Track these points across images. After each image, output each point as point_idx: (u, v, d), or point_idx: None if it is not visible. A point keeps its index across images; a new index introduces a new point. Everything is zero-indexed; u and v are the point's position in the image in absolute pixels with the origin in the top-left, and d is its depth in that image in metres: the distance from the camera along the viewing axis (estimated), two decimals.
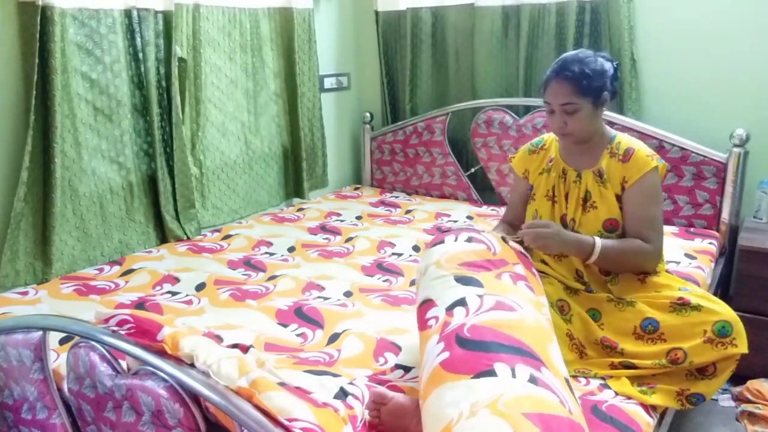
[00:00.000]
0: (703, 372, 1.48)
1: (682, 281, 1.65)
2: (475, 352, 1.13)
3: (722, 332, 1.44)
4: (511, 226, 1.91)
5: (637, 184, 1.63)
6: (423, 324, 1.31)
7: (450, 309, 1.25)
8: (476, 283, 1.31)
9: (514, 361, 1.11)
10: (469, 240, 1.47)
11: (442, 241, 1.49)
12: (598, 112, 1.67)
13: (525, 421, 0.99)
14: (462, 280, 1.32)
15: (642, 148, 1.67)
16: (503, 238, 1.52)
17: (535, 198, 1.81)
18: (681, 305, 1.51)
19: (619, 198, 1.67)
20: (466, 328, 1.18)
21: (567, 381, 1.15)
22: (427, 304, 1.33)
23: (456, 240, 1.48)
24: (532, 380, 1.08)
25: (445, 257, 1.41)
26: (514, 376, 1.08)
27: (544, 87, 1.68)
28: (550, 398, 1.06)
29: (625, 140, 1.70)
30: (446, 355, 1.16)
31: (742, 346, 1.44)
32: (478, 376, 1.08)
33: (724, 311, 1.48)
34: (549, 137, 1.86)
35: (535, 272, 1.47)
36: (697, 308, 1.49)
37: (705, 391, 1.47)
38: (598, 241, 1.60)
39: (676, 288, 1.58)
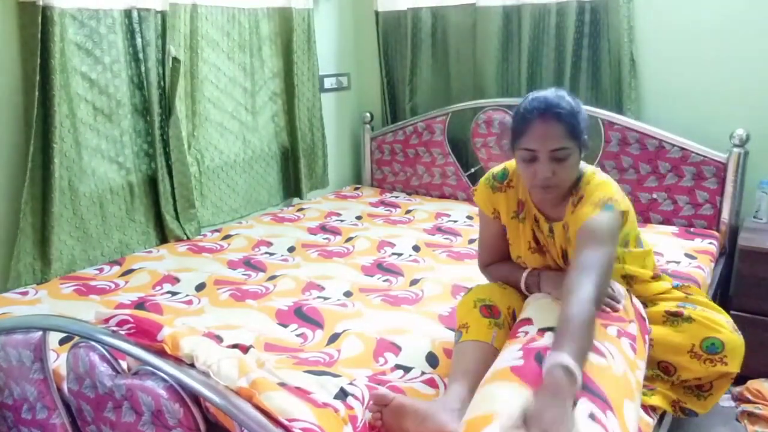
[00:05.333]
0: (700, 388, 1.47)
1: (683, 298, 1.56)
2: None
3: (711, 349, 1.41)
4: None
5: (579, 232, 1.36)
6: (513, 334, 1.36)
7: (542, 330, 1.28)
8: None
9: (581, 395, 1.10)
10: None
11: None
12: (579, 160, 1.43)
13: None
14: None
15: (593, 194, 1.40)
16: (629, 291, 1.46)
17: (512, 243, 1.58)
18: (674, 316, 1.48)
19: None
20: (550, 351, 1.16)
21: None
22: (524, 321, 1.37)
23: None
24: (591, 417, 1.07)
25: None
26: (574, 405, 1.07)
27: (520, 130, 1.39)
28: None
29: (585, 184, 1.45)
30: (520, 362, 1.20)
31: (733, 366, 1.41)
32: None
33: (720, 328, 1.43)
34: (513, 170, 1.56)
35: (647, 339, 1.41)
36: (689, 320, 1.45)
37: (698, 409, 1.47)
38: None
39: (674, 304, 1.52)
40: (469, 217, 2.82)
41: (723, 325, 1.45)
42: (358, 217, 2.85)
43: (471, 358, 1.40)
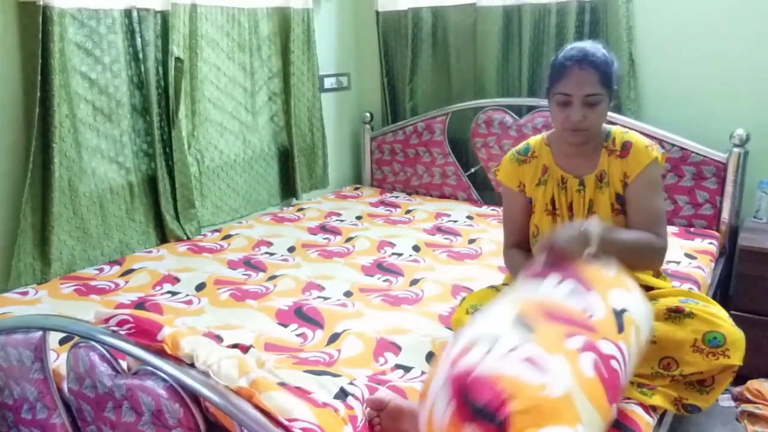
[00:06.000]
0: (702, 383, 1.47)
1: (685, 293, 1.58)
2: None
3: (713, 342, 1.40)
4: (522, 250, 1.71)
5: (639, 177, 1.55)
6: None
7: (469, 345, 1.04)
8: (529, 330, 1.09)
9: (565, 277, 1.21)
10: (571, 294, 1.22)
11: (543, 277, 1.27)
12: (608, 108, 1.55)
13: (531, 312, 1.11)
14: (519, 322, 1.11)
15: (639, 139, 1.57)
16: (623, 311, 1.24)
17: (535, 211, 1.67)
18: (676, 313, 1.48)
19: (618, 197, 1.58)
20: (471, 376, 0.98)
21: (617, 314, 1.17)
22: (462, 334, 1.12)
23: (557, 285, 1.24)
24: (572, 293, 1.17)
25: (526, 299, 1.20)
26: (557, 285, 1.19)
27: (557, 76, 1.50)
28: (573, 307, 1.14)
29: (619, 133, 1.60)
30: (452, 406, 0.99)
31: (735, 358, 1.40)
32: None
33: (721, 322, 1.43)
34: (536, 142, 1.68)
35: (625, 356, 1.16)
36: (690, 315, 1.45)
37: (701, 404, 1.47)
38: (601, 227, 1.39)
39: (676, 301, 1.51)
40: (469, 217, 2.83)
41: (724, 319, 1.45)
42: (358, 217, 2.85)
43: None
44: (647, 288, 1.58)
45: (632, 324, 1.23)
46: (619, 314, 1.22)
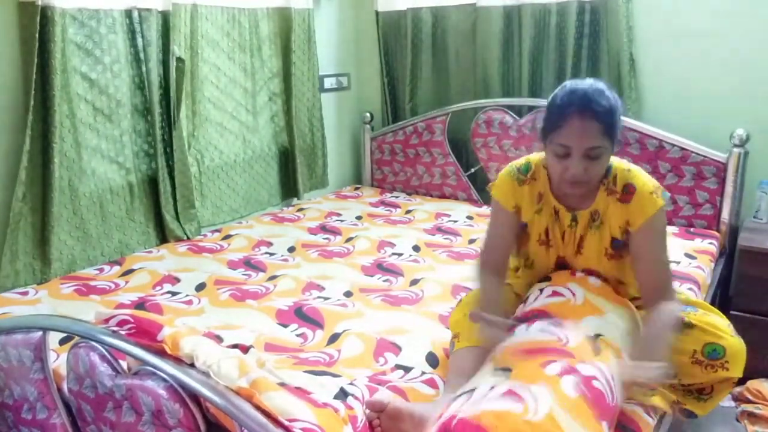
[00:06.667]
0: (700, 391, 1.46)
1: (683, 299, 1.55)
2: None
3: (712, 355, 1.38)
4: (498, 274, 1.56)
5: (645, 228, 1.40)
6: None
7: (451, 400, 1.16)
8: (506, 372, 1.18)
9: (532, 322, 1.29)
10: (542, 331, 1.29)
11: (513, 333, 1.33)
12: (611, 156, 1.41)
13: (505, 357, 1.22)
14: (496, 370, 1.20)
15: (645, 183, 1.42)
16: (597, 336, 1.29)
17: (530, 240, 1.55)
18: None
19: (615, 242, 1.46)
20: (455, 420, 1.07)
21: (591, 338, 1.21)
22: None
23: (527, 329, 1.32)
24: (544, 330, 1.26)
25: (502, 349, 1.28)
26: (527, 329, 1.30)
27: (555, 123, 1.35)
28: (548, 338, 1.23)
29: (621, 170, 1.45)
30: None
31: (735, 371, 1.38)
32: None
33: (722, 333, 1.40)
34: (536, 163, 1.53)
35: (606, 375, 1.20)
36: (690, 326, 1.42)
37: (698, 411, 1.46)
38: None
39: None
40: (469, 217, 2.83)
41: (724, 330, 1.43)
42: (358, 217, 2.85)
43: (465, 362, 1.40)
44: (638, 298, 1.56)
45: (609, 347, 1.29)
46: (594, 339, 1.29)
